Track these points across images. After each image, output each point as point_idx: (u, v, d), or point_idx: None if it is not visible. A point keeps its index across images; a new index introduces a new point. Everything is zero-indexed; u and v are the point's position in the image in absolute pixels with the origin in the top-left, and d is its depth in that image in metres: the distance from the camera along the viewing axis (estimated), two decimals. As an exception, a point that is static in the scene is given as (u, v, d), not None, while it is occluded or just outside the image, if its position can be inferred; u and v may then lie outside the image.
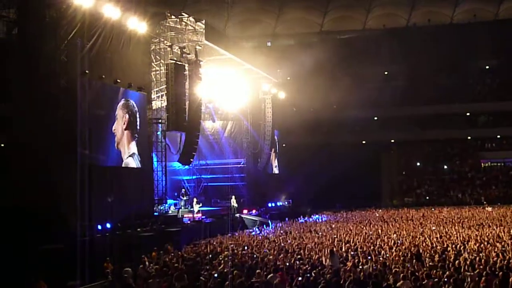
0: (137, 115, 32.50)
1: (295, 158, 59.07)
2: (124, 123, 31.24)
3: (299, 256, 21.50)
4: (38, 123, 25.47)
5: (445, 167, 68.02)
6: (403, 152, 68.65)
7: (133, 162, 32.31)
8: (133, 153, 32.18)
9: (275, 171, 56.18)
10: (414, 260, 19.71)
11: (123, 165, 31.37)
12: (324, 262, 20.03)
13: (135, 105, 32.23)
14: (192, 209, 38.42)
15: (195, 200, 39.12)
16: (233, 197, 42.52)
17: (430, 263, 19.14)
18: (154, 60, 36.49)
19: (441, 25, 71.96)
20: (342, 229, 32.88)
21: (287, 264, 19.64)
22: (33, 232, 22.72)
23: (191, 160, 37.75)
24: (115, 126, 30.30)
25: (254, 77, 48.55)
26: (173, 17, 35.65)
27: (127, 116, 31.58)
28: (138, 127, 32.57)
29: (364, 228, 32.97)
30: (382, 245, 24.31)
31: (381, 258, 20.37)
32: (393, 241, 25.45)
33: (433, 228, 31.71)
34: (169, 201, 38.14)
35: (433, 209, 50.04)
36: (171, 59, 34.63)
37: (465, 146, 69.27)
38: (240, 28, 71.16)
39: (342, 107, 67.10)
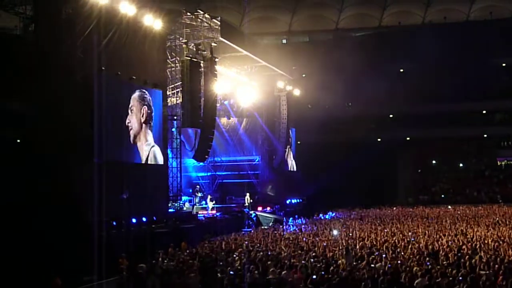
0: (153, 110, 32.62)
1: (310, 156, 58.83)
2: (142, 116, 31.42)
3: (313, 254, 21.45)
4: (54, 119, 25.59)
5: (461, 165, 67.60)
6: (419, 150, 68.28)
7: (159, 152, 32.60)
8: (154, 145, 32.35)
9: (291, 169, 56.07)
10: (429, 258, 19.61)
11: (148, 158, 31.73)
12: (338, 260, 19.99)
13: (150, 99, 32.33)
14: (206, 205, 38.50)
15: (209, 197, 39.19)
16: (248, 194, 42.48)
17: (446, 262, 19.01)
18: (169, 57, 36.60)
19: (457, 23, 71.43)
20: (357, 227, 32.77)
21: (302, 261, 19.60)
22: (48, 228, 22.86)
23: (206, 157, 37.78)
24: (129, 118, 30.32)
25: (269, 74, 48.47)
26: (188, 13, 35.68)
27: (145, 108, 31.73)
28: (153, 122, 32.73)
29: (379, 226, 32.83)
30: (397, 243, 24.19)
31: (396, 256, 20.28)
32: (408, 239, 25.30)
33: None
34: (184, 198, 38.22)
35: (449, 207, 49.73)
36: (186, 56, 34.61)
37: (481, 144, 68.75)
38: (256, 25, 71.16)
39: (357, 104, 66.93)
